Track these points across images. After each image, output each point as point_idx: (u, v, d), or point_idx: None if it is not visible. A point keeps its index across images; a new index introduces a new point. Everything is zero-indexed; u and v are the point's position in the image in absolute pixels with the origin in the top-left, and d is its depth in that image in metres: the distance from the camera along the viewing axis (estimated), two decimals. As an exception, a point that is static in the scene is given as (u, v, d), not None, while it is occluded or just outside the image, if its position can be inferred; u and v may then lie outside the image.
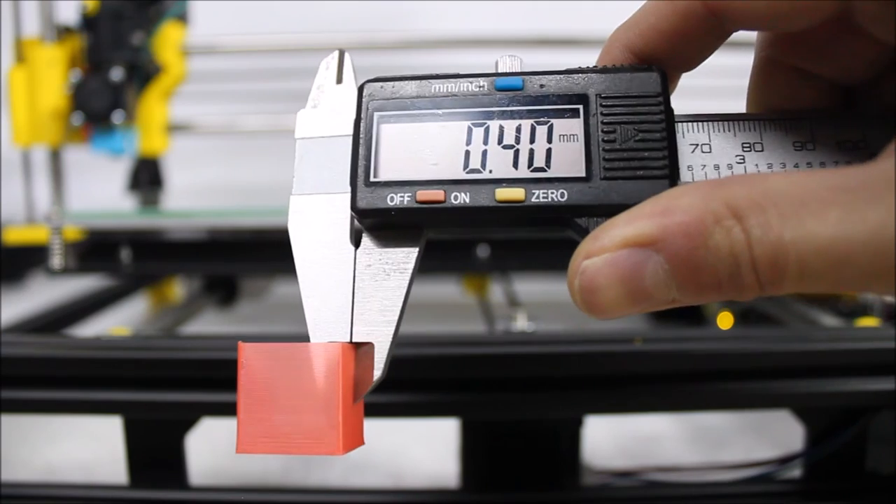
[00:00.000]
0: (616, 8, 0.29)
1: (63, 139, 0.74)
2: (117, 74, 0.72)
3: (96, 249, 0.69)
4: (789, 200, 0.18)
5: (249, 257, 0.71)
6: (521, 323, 0.57)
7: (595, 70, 0.24)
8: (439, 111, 0.25)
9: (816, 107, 0.25)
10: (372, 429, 0.26)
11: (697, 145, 0.24)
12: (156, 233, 0.72)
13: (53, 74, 0.73)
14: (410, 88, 0.25)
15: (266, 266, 0.72)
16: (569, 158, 0.23)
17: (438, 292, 0.80)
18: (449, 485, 0.41)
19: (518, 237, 0.68)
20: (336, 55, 0.27)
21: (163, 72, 0.76)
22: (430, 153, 0.24)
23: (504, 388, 0.37)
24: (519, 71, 0.25)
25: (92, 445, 0.53)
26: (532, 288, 0.78)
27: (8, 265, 0.85)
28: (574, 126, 0.24)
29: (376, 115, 0.25)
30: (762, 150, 0.23)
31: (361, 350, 0.24)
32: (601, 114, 0.23)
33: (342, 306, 0.25)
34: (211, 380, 0.38)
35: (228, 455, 0.51)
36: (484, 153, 0.24)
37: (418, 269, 0.25)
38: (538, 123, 0.24)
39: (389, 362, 0.24)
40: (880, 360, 0.38)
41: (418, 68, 0.26)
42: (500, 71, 0.25)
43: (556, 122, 0.24)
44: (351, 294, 0.25)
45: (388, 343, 0.24)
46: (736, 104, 0.26)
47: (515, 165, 0.24)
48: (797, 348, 0.38)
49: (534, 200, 0.23)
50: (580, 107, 0.24)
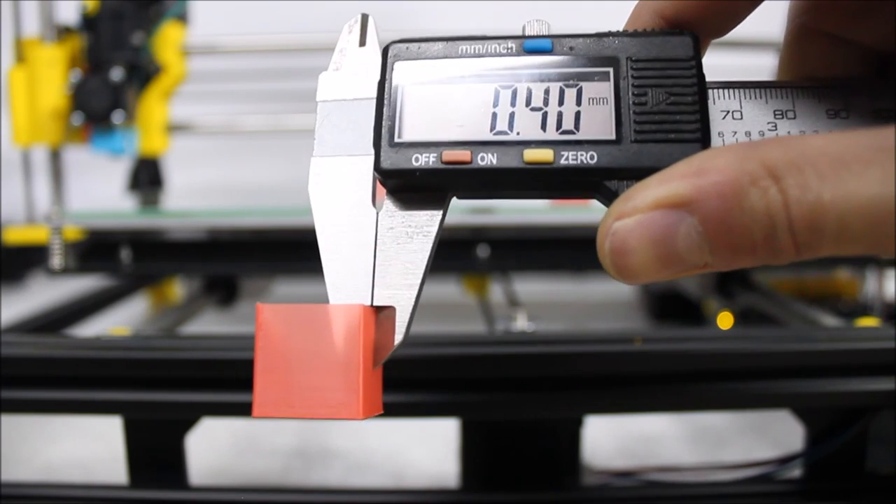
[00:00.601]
0: (616, 8, 0.29)
1: (63, 139, 0.74)
2: (117, 74, 0.72)
3: (96, 249, 0.69)
4: (828, 160, 0.18)
5: (249, 257, 0.70)
6: (521, 323, 0.57)
7: (626, 34, 0.24)
8: (466, 72, 0.24)
9: (850, 75, 0.25)
10: (372, 429, 0.26)
11: (729, 112, 0.23)
12: (156, 233, 0.72)
13: (53, 74, 0.72)
14: (437, 49, 0.24)
15: (266, 266, 0.72)
16: (598, 121, 0.23)
17: (438, 292, 0.80)
18: (449, 485, 0.42)
19: (518, 237, 0.68)
20: (359, 18, 0.26)
21: (163, 72, 0.76)
22: (456, 114, 0.23)
23: (504, 388, 0.37)
24: (548, 34, 0.24)
25: (92, 445, 0.53)
26: (532, 288, 0.78)
27: (8, 265, 0.86)
28: (604, 89, 0.23)
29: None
30: (794, 118, 0.23)
31: (382, 314, 0.24)
32: (632, 76, 0.23)
33: (363, 269, 0.24)
34: (211, 380, 0.38)
35: (228, 455, 0.51)
36: (511, 115, 0.23)
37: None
38: (567, 86, 0.23)
39: (410, 327, 0.24)
40: (880, 360, 0.38)
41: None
42: (528, 34, 0.24)
43: (586, 85, 0.23)
44: (372, 257, 0.24)
45: (411, 307, 0.24)
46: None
47: (543, 128, 0.23)
48: (797, 348, 0.38)
49: (563, 163, 0.23)
50: (610, 70, 0.23)
